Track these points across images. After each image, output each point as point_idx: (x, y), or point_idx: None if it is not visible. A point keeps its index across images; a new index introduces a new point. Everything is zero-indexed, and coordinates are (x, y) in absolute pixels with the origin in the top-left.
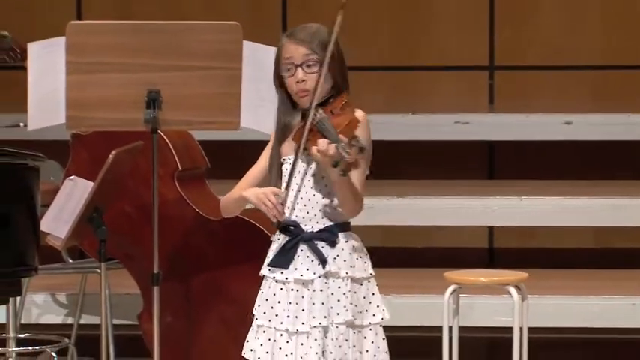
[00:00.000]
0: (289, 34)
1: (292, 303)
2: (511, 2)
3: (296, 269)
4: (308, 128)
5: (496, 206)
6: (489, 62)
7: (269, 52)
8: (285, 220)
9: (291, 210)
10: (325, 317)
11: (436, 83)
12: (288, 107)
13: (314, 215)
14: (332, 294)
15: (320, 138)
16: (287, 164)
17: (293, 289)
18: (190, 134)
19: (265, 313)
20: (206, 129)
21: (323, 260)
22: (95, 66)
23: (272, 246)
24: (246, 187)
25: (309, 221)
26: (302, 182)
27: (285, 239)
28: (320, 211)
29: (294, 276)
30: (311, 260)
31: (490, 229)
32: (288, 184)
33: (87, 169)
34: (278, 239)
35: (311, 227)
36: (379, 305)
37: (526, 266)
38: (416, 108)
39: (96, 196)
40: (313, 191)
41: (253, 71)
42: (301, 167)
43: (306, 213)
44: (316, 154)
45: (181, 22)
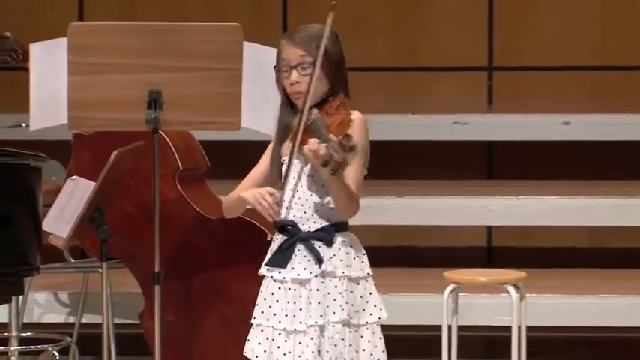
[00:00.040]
0: (288, 36)
1: (290, 302)
2: (510, 3)
3: (293, 269)
4: (302, 129)
5: (495, 206)
6: (488, 63)
7: (269, 53)
8: (282, 220)
9: (288, 210)
10: (321, 316)
11: (435, 84)
12: (288, 108)
13: (311, 215)
14: (328, 293)
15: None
16: (286, 164)
17: (290, 289)
18: (191, 134)
19: (263, 312)
20: (207, 129)
21: (319, 260)
22: (97, 67)
23: (271, 246)
24: (247, 188)
25: (306, 221)
26: (298, 182)
27: (283, 239)
28: (317, 211)
29: (291, 275)
30: (308, 260)
31: (489, 229)
32: (283, 184)
33: (88, 169)
34: (277, 239)
35: (308, 227)
36: (376, 305)
37: (524, 265)
38: (415, 108)
39: (97, 196)
40: (310, 191)
41: (254, 72)
42: (297, 167)
43: (303, 213)
44: (307, 154)
45: (182, 23)
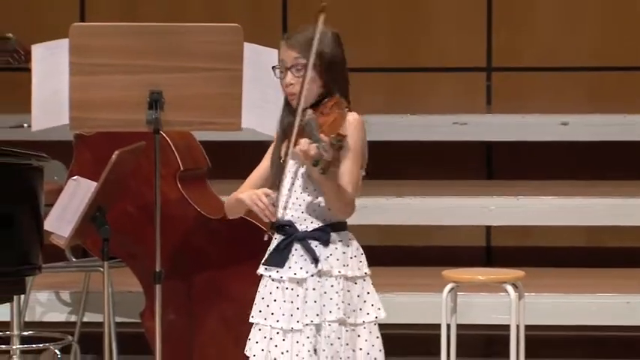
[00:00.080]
0: (286, 37)
1: (287, 301)
2: (508, 5)
3: (290, 268)
4: (296, 129)
5: (493, 206)
6: (487, 64)
7: (270, 54)
8: (279, 221)
9: (286, 210)
10: (317, 315)
11: (434, 84)
12: (289, 109)
13: (308, 215)
14: (325, 292)
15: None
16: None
17: (288, 288)
18: (192, 134)
19: (261, 312)
20: (207, 129)
21: (315, 259)
22: (98, 67)
23: (271, 245)
24: (249, 188)
25: (303, 221)
26: (294, 182)
27: (280, 238)
28: (314, 211)
29: (288, 275)
30: (305, 259)
31: (487, 229)
32: (278, 185)
33: (90, 169)
34: (275, 239)
35: (306, 227)
36: (374, 304)
37: (523, 265)
38: (414, 109)
39: (99, 196)
40: (306, 192)
41: (254, 72)
42: (294, 168)
43: (300, 213)
44: (299, 154)
45: (183, 25)
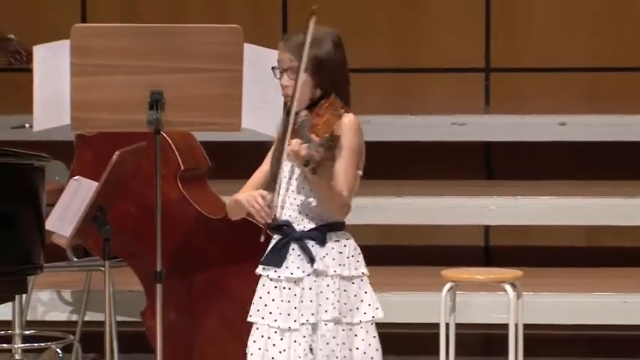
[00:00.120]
0: (285, 39)
1: (284, 301)
2: (507, 7)
3: (287, 268)
4: (289, 130)
5: (492, 206)
6: (485, 65)
7: (270, 55)
8: (275, 221)
9: (283, 210)
10: (313, 314)
11: (433, 85)
12: (288, 109)
13: (305, 215)
14: (321, 292)
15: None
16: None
17: (285, 287)
18: (192, 135)
19: (259, 311)
20: (208, 130)
21: (311, 259)
22: (99, 68)
23: (270, 245)
24: (251, 189)
25: (301, 221)
26: (290, 183)
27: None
28: (310, 211)
29: (285, 274)
30: (301, 259)
31: (486, 228)
32: (273, 186)
33: (91, 169)
34: (274, 239)
35: (303, 227)
36: (371, 304)
37: (521, 264)
38: (413, 109)
39: (100, 196)
40: (302, 192)
41: (254, 73)
42: (289, 168)
43: (298, 213)
44: (290, 154)
45: (183, 26)
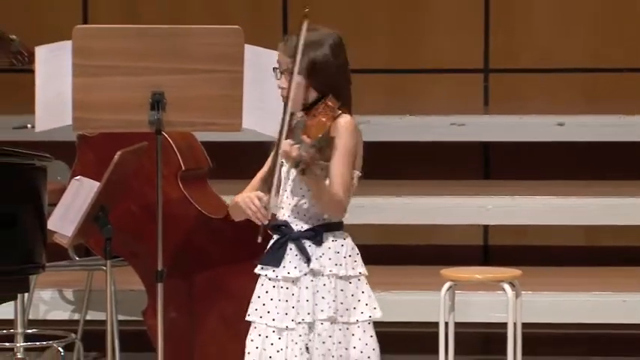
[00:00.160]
0: (284, 40)
1: (282, 300)
2: (505, 7)
3: (285, 267)
4: (285, 132)
5: (491, 205)
6: (484, 65)
7: (270, 56)
8: (271, 222)
9: (281, 210)
10: (309, 314)
11: (432, 85)
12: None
13: (304, 215)
14: (317, 291)
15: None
16: (285, 166)
17: (283, 287)
18: (193, 135)
19: (257, 310)
20: (209, 130)
21: (308, 258)
22: (101, 69)
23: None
24: (252, 191)
25: (299, 221)
26: (286, 184)
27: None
28: (307, 211)
29: (283, 274)
30: (299, 259)
31: (485, 228)
32: (269, 188)
33: (93, 170)
34: (273, 239)
35: (300, 227)
36: (368, 304)
37: (520, 264)
38: (413, 109)
39: (101, 196)
40: (299, 193)
41: (255, 74)
42: (287, 169)
43: (296, 213)
44: (282, 155)
45: (184, 27)
